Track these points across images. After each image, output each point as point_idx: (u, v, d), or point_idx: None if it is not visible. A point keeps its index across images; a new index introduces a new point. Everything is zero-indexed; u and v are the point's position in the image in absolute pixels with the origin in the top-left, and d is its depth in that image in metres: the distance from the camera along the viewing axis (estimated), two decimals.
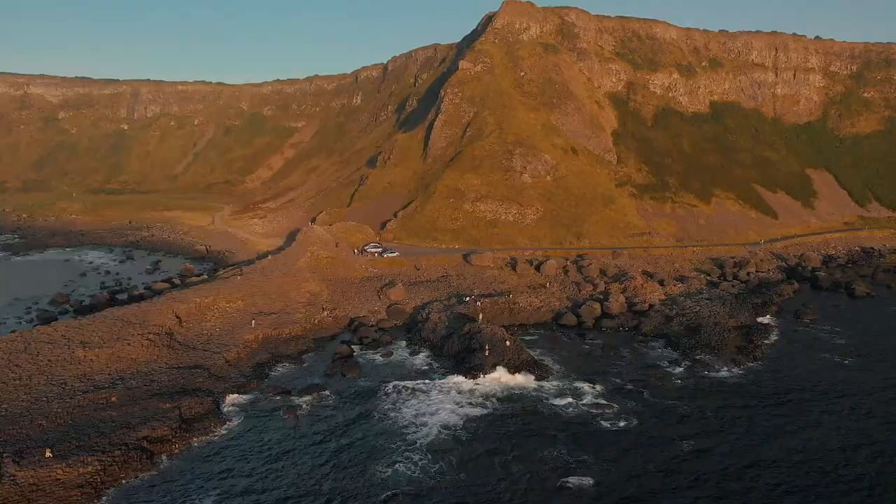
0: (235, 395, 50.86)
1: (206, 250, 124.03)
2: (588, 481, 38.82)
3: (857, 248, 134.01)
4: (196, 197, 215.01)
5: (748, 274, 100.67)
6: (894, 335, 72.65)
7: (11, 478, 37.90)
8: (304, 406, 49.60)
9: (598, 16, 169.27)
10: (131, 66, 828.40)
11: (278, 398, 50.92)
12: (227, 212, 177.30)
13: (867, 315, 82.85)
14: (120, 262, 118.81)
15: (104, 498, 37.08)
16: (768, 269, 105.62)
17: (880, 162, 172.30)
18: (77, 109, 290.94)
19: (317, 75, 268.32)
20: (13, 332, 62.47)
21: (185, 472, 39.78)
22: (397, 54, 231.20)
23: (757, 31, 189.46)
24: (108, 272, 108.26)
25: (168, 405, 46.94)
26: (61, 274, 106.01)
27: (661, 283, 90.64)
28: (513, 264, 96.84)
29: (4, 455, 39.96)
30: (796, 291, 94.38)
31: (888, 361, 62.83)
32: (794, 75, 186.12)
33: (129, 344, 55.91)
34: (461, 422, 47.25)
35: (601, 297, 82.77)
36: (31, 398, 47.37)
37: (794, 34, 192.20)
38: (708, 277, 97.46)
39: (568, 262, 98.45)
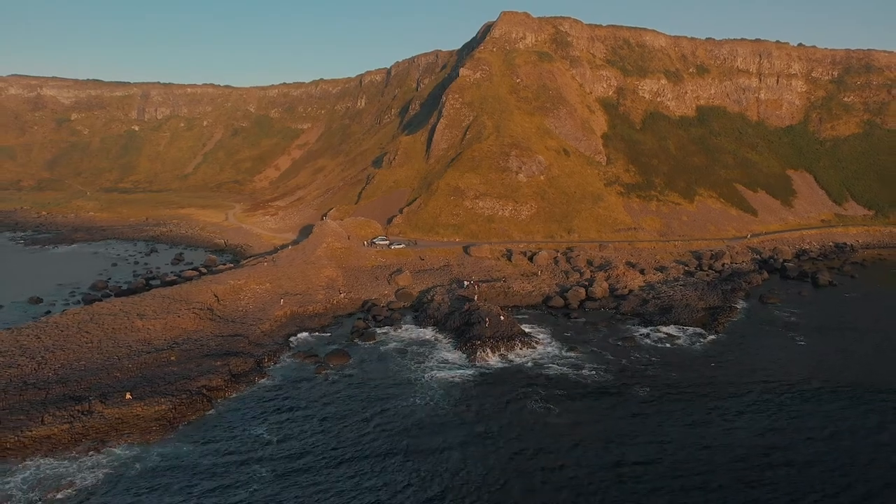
0: (273, 357, 60.43)
1: (225, 244, 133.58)
2: (562, 416, 48.44)
3: (830, 243, 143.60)
4: (207, 196, 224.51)
5: (723, 265, 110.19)
6: (843, 316, 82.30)
7: (100, 414, 47.45)
8: (331, 365, 59.20)
9: (590, 25, 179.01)
10: (141, 69, 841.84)
11: (308, 360, 60.53)
12: (238, 209, 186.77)
13: (825, 300, 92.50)
14: (145, 254, 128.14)
15: (177, 428, 46.50)
16: (742, 261, 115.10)
17: (858, 163, 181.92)
18: (89, 111, 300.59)
19: (322, 79, 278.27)
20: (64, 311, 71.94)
21: (239, 411, 49.34)
22: (400, 59, 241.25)
23: (742, 39, 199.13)
24: (136, 262, 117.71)
25: (219, 363, 56.54)
26: (93, 264, 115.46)
27: (642, 271, 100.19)
28: (508, 255, 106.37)
29: (91, 398, 49.54)
30: (765, 280, 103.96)
31: (830, 335, 72.51)
32: (778, 81, 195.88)
33: (178, 316, 65.49)
34: (462, 377, 56.85)
35: (587, 283, 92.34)
36: (104, 357, 56.96)
37: (778, 41, 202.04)
38: (686, 268, 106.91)
39: (558, 254, 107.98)
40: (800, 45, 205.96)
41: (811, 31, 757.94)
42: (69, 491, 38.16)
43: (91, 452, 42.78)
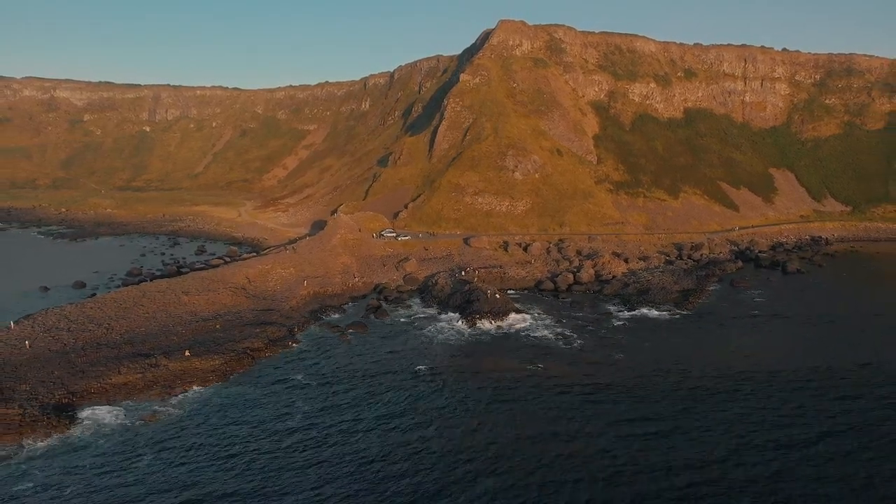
0: (301, 327, 70.65)
1: (242, 237, 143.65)
2: (545, 370, 58.71)
3: (807, 236, 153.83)
4: (217, 194, 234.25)
5: (701, 255, 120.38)
6: (802, 296, 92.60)
7: (165, 366, 57.61)
8: (351, 333, 69.41)
9: (583, 32, 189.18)
10: (150, 71, 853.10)
11: (332, 329, 70.79)
12: (250, 206, 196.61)
13: (790, 284, 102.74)
14: (169, 246, 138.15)
15: (231, 378, 56.65)
16: (720, 252, 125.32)
17: (837, 162, 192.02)
18: (101, 112, 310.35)
19: (327, 81, 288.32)
20: (118, 289, 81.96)
21: (279, 365, 59.56)
22: (403, 63, 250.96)
23: (728, 45, 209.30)
24: (162, 253, 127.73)
25: (257, 330, 66.78)
26: (123, 254, 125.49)
27: (626, 260, 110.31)
28: (505, 246, 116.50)
29: (156, 354, 59.74)
30: (739, 268, 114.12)
31: (787, 312, 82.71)
32: (762, 84, 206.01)
33: (218, 293, 75.68)
34: (463, 343, 67.16)
35: (575, 270, 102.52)
36: (160, 325, 67.15)
37: (763, 46, 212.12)
38: (666, 257, 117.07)
39: (551, 245, 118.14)
40: (784, 49, 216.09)
41: (798, 35, 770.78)
42: (153, 420, 48.25)
43: (163, 395, 52.93)
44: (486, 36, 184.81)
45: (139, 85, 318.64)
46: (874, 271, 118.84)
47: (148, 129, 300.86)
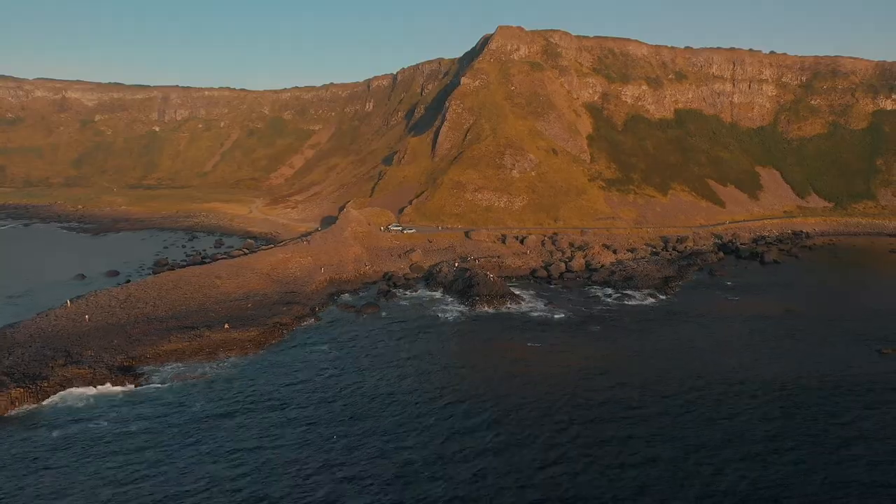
0: (322, 307, 79.76)
1: (257, 231, 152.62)
2: (538, 340, 67.86)
3: (789, 231, 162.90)
4: (227, 192, 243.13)
5: (685, 247, 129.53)
6: (773, 282, 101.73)
7: (208, 337, 66.69)
8: (365, 312, 78.58)
9: (578, 36, 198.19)
10: (160, 73, 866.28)
11: (348, 309, 79.94)
12: (259, 203, 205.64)
13: (765, 273, 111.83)
14: (188, 240, 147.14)
15: (265, 346, 65.76)
16: (704, 244, 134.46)
17: (822, 160, 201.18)
18: (112, 112, 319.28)
19: (332, 83, 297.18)
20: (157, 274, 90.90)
21: (305, 337, 68.67)
22: (405, 66, 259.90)
23: (717, 48, 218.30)
24: (183, 246, 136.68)
25: (284, 308, 75.92)
26: (147, 247, 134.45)
27: (615, 251, 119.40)
28: (503, 239, 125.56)
29: (199, 327, 68.84)
30: (721, 259, 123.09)
31: (758, 296, 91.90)
32: (750, 86, 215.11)
33: (246, 278, 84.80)
34: (464, 319, 76.29)
35: (567, 259, 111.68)
36: (198, 304, 76.25)
37: (751, 49, 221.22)
38: (653, 249, 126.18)
39: (545, 238, 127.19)
40: (771, 52, 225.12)
41: (785, 38, 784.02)
42: (203, 378, 57.33)
43: (209, 359, 62.03)
44: (486, 41, 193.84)
45: (148, 86, 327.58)
46: (845, 261, 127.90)
47: (157, 129, 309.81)
